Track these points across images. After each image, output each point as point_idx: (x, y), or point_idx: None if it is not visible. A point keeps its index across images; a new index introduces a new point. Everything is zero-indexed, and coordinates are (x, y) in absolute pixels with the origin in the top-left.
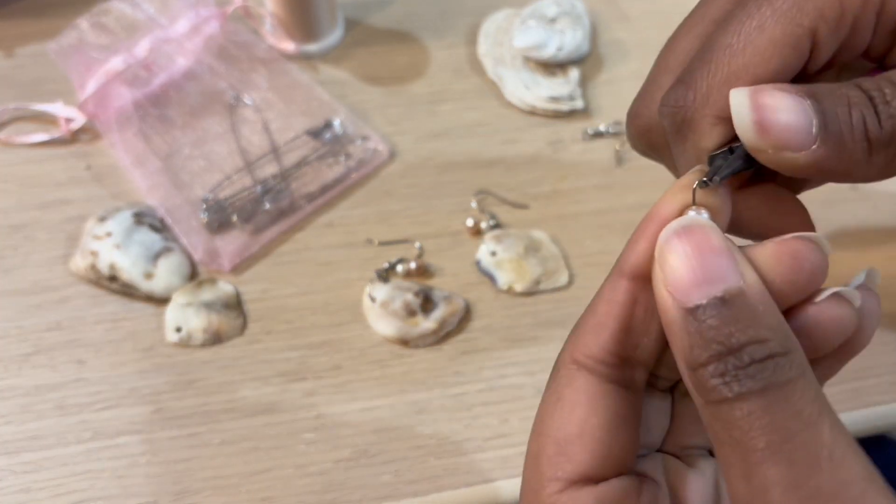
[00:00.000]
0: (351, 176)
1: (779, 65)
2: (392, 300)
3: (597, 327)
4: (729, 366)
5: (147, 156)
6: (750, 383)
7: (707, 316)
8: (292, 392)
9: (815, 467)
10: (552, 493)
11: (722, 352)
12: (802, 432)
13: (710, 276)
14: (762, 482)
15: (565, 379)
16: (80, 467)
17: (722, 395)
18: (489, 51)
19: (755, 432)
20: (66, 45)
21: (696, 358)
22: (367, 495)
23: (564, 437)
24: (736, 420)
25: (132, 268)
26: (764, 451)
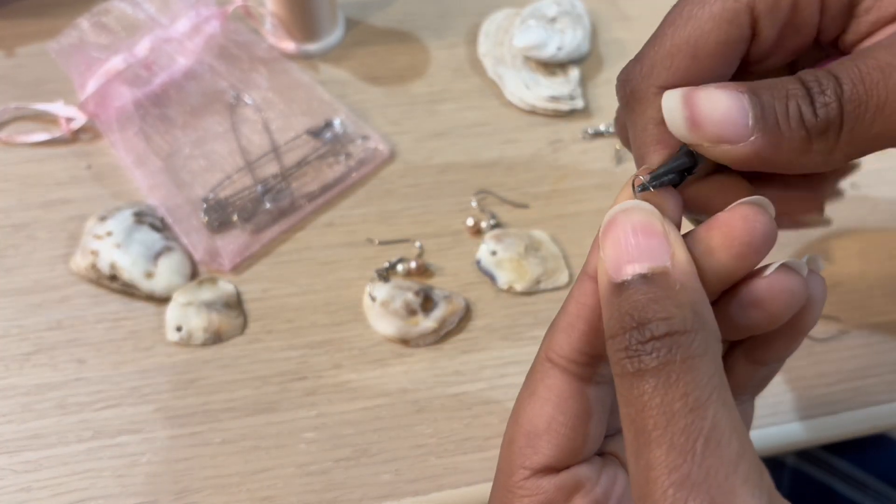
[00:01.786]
0: (351, 175)
1: (718, 38)
2: (392, 299)
3: (568, 328)
4: (633, 340)
5: (147, 155)
6: (647, 359)
7: (630, 291)
8: (293, 391)
9: (688, 453)
10: (519, 480)
11: (631, 326)
12: (684, 416)
13: (639, 255)
14: (647, 462)
15: (539, 374)
16: (81, 466)
17: (624, 369)
18: (489, 50)
19: (647, 412)
20: (66, 45)
21: (610, 329)
22: (367, 494)
23: (533, 430)
24: (634, 397)
25: (133, 267)
26: (651, 433)
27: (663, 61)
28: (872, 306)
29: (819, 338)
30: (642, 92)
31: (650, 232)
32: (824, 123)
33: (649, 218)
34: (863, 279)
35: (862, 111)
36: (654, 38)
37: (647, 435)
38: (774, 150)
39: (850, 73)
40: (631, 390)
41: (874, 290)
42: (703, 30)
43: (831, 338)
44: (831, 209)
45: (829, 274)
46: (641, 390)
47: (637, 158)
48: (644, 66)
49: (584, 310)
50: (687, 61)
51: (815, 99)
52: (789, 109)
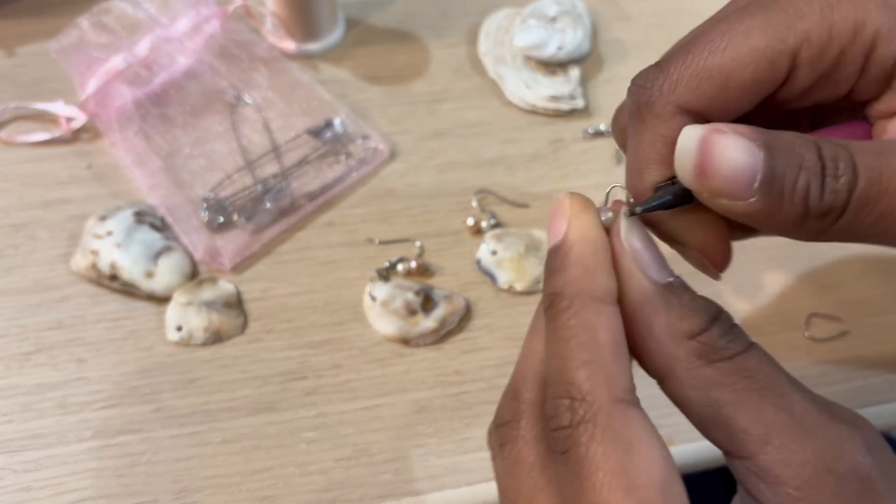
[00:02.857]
0: (351, 175)
1: (753, 76)
2: (392, 299)
3: (617, 360)
4: (725, 328)
5: (148, 155)
6: (744, 338)
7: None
8: (293, 391)
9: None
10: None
11: (713, 318)
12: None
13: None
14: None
15: (621, 422)
16: (81, 466)
17: (735, 350)
18: (490, 50)
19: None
20: (66, 45)
21: (695, 325)
22: (367, 494)
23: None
24: (753, 368)
25: (133, 267)
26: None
27: (690, 82)
28: (873, 306)
29: (820, 338)
30: (660, 107)
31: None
32: (826, 208)
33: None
34: (863, 279)
35: (866, 211)
36: (682, 52)
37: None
38: (770, 216)
39: (870, 169)
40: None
41: (875, 290)
42: (740, 62)
43: (832, 338)
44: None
45: (830, 275)
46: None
47: (633, 171)
48: (668, 81)
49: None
50: (715, 89)
51: (826, 181)
52: (798, 183)
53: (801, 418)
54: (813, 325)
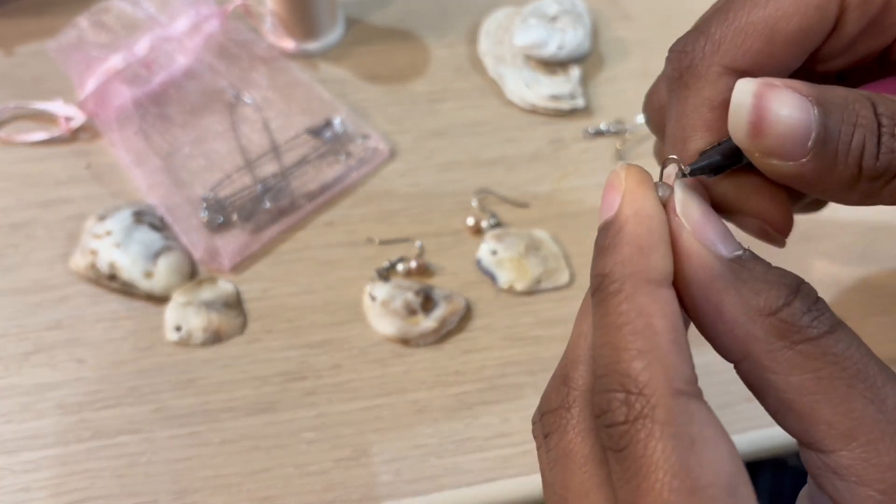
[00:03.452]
0: (351, 175)
1: (800, 25)
2: (392, 299)
3: (676, 349)
4: (809, 302)
5: (147, 154)
6: (830, 315)
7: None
8: (292, 391)
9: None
10: None
11: (793, 290)
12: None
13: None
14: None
15: (682, 416)
16: (80, 466)
17: (820, 329)
18: (490, 49)
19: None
20: (65, 44)
21: (774, 301)
22: (367, 494)
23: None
24: (841, 352)
25: (132, 266)
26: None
27: (734, 38)
28: (874, 304)
29: None
30: (703, 68)
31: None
32: (882, 169)
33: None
34: (864, 277)
35: None
36: (721, 12)
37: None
38: (820, 178)
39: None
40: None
41: (875, 288)
42: (786, 12)
43: None
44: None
45: (831, 272)
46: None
47: (677, 139)
48: (711, 41)
49: (677, 320)
50: (761, 43)
51: (882, 139)
52: (853, 141)
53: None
54: None
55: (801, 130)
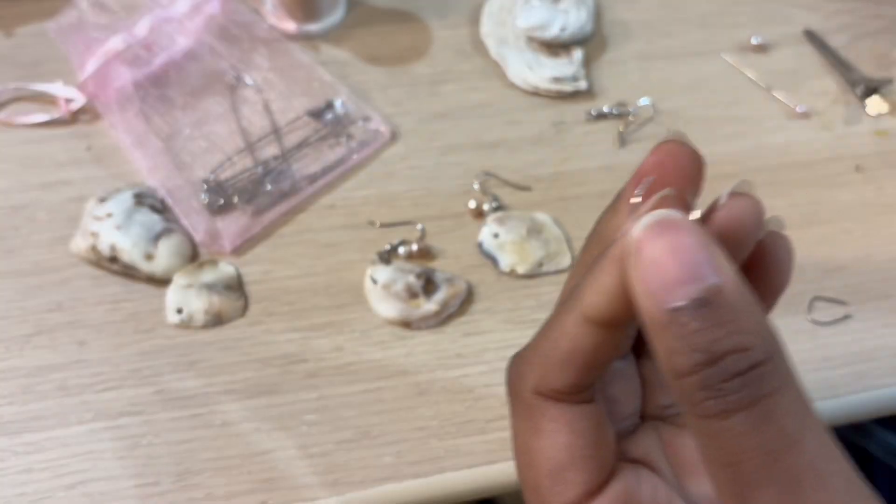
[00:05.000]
0: (352, 157)
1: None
2: (394, 282)
3: (562, 365)
4: (713, 378)
5: (147, 136)
6: (735, 398)
7: (688, 319)
8: (294, 373)
9: (798, 492)
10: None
11: (705, 361)
12: (787, 452)
13: (687, 275)
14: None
15: (537, 410)
16: (82, 448)
17: (709, 410)
18: (492, 31)
19: (745, 454)
20: (65, 25)
21: (680, 367)
22: (368, 476)
23: (556, 466)
24: (725, 439)
25: (133, 249)
26: (755, 474)
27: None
28: (877, 289)
29: (824, 321)
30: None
31: (692, 247)
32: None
33: (688, 229)
34: (867, 262)
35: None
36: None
37: (748, 477)
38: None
39: None
40: (721, 431)
41: (879, 272)
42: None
43: (836, 321)
44: (837, 190)
45: (835, 257)
46: (733, 431)
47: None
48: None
49: (582, 350)
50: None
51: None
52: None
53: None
54: (816, 309)
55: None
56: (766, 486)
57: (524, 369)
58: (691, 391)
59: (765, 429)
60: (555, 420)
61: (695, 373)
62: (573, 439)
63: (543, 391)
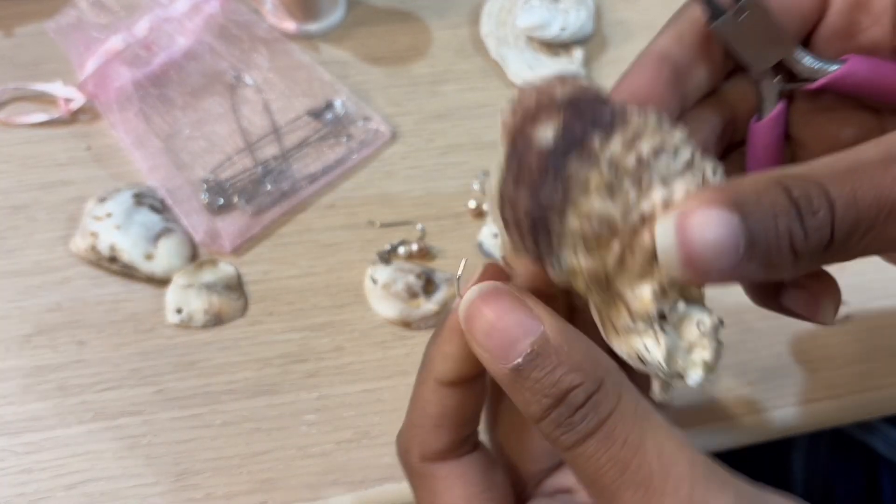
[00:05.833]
0: (352, 157)
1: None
2: (394, 282)
3: (435, 429)
4: (562, 416)
5: (147, 136)
6: (581, 427)
7: (528, 371)
8: (294, 373)
9: (651, 487)
10: None
11: (551, 404)
12: (633, 458)
13: (514, 335)
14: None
15: (428, 474)
16: (82, 448)
17: (565, 443)
18: (492, 31)
19: (601, 470)
20: (65, 25)
21: (534, 414)
22: (368, 476)
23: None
24: (584, 462)
25: (132, 249)
26: (612, 485)
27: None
28: (879, 289)
29: None
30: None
31: (510, 308)
32: (815, 246)
33: (503, 294)
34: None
35: (853, 232)
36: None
37: (609, 488)
38: (763, 271)
39: (844, 196)
40: (579, 458)
41: (879, 272)
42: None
43: (837, 321)
44: None
45: None
46: (588, 454)
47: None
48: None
49: (449, 411)
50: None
51: (805, 220)
52: (779, 232)
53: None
54: None
55: (729, 245)
56: (624, 490)
57: (407, 444)
58: (549, 431)
59: (611, 445)
60: (445, 478)
61: (547, 415)
62: (467, 488)
63: (429, 456)
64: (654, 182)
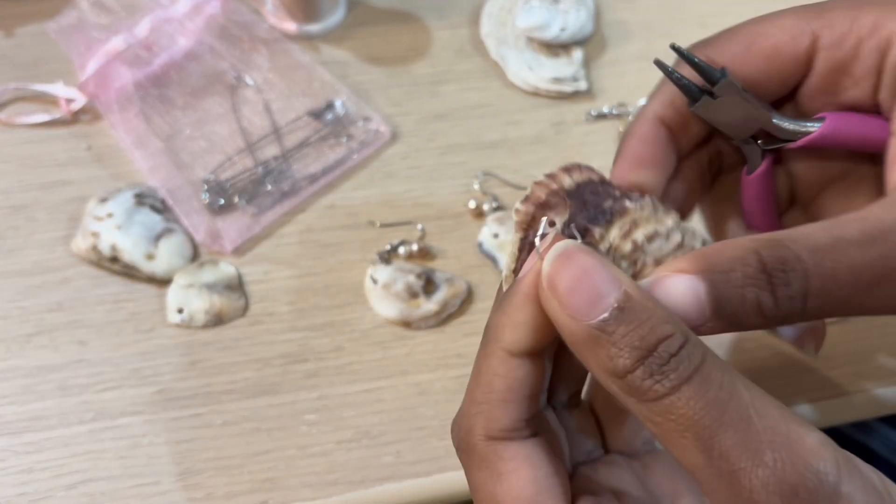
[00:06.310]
0: (353, 157)
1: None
2: (394, 282)
3: (503, 403)
4: (655, 364)
5: (148, 136)
6: (678, 373)
7: (615, 326)
8: (294, 373)
9: (751, 425)
10: None
11: (642, 355)
12: (730, 400)
13: (599, 291)
14: (720, 451)
15: (493, 455)
16: (82, 448)
17: (659, 392)
18: (492, 31)
19: (698, 414)
20: (66, 25)
21: (622, 366)
22: (368, 476)
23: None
24: (680, 408)
25: (133, 249)
26: (713, 425)
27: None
28: None
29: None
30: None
31: (594, 267)
32: (785, 313)
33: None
34: None
35: (827, 305)
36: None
37: (707, 430)
38: (733, 329)
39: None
40: (673, 405)
41: None
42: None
43: (832, 322)
44: None
45: None
46: (684, 399)
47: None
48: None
49: (517, 384)
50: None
51: (776, 291)
52: (747, 300)
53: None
54: None
55: (693, 306)
56: (724, 430)
57: (469, 422)
58: (639, 382)
59: (708, 388)
60: (512, 458)
61: (638, 366)
62: (534, 471)
63: (495, 434)
64: (647, 263)
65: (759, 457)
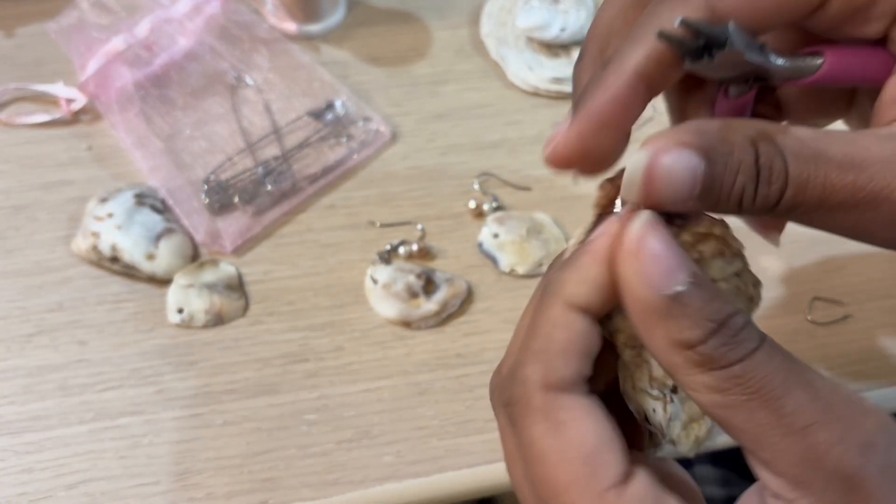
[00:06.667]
0: (353, 157)
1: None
2: (394, 282)
3: (563, 353)
4: (728, 334)
5: (148, 136)
6: (749, 343)
7: (689, 299)
8: (294, 373)
9: (816, 386)
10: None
11: (715, 328)
12: (793, 365)
13: (677, 263)
14: (792, 408)
15: (553, 405)
16: (83, 448)
17: (731, 359)
18: (492, 31)
19: (770, 376)
20: (66, 25)
21: (695, 337)
22: (368, 476)
23: (591, 451)
24: (750, 372)
25: (133, 249)
26: (784, 384)
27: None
28: (875, 290)
29: (822, 321)
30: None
31: (672, 242)
32: (759, 207)
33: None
34: (867, 262)
35: (792, 210)
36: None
37: (779, 389)
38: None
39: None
40: (744, 371)
41: (878, 272)
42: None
43: (834, 321)
44: None
45: (834, 257)
46: (755, 363)
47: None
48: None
49: (574, 333)
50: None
51: (759, 187)
52: (734, 188)
53: (791, 419)
54: (815, 309)
55: (687, 183)
56: (794, 389)
57: (524, 372)
58: (712, 350)
59: (776, 354)
60: (573, 409)
61: (710, 338)
62: (597, 424)
63: (555, 383)
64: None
65: (831, 412)
